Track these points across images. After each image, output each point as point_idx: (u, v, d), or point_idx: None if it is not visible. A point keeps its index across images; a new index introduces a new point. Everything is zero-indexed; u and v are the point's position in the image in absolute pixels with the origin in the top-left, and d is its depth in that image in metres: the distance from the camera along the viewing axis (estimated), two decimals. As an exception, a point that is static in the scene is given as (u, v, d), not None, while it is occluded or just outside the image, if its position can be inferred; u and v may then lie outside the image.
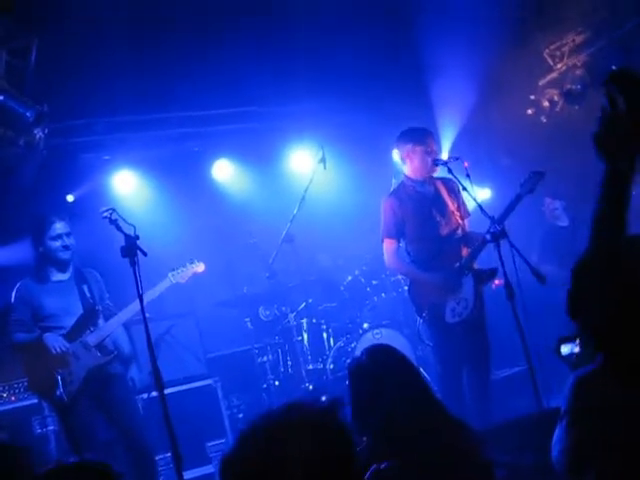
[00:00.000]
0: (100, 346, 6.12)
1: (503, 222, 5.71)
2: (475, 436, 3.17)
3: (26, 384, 6.70)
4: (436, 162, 6.29)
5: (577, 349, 3.12)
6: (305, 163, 9.67)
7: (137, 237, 5.19)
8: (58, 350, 5.93)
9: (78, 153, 8.93)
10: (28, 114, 6.63)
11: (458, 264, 6.24)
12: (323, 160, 7.81)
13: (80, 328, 6.09)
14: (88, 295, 6.22)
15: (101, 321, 6.23)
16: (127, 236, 5.20)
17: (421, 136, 6.41)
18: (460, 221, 6.40)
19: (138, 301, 5.24)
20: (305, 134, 9.69)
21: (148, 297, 6.01)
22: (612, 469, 2.74)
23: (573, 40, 9.41)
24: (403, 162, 6.50)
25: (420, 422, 3.08)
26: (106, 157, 9.21)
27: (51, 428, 6.89)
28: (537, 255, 8.47)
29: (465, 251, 6.32)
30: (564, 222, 8.78)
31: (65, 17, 6.81)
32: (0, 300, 6.48)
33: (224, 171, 9.94)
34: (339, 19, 7.90)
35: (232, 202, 9.84)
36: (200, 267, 6.63)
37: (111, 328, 6.19)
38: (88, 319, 6.15)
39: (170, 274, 6.43)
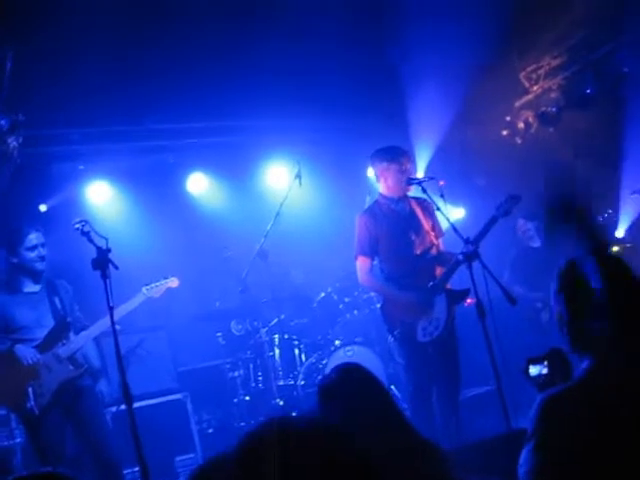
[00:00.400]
0: (72, 359, 6.07)
1: (478, 243, 5.73)
2: (443, 456, 3.17)
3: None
4: (410, 181, 6.30)
5: (545, 370, 3.15)
6: (281, 179, 9.68)
7: (109, 250, 5.16)
8: (30, 362, 5.87)
9: (52, 163, 8.89)
10: (2, 122, 6.60)
11: (431, 283, 6.25)
12: (299, 176, 7.81)
13: (52, 340, 6.04)
14: (59, 307, 6.17)
15: (72, 334, 6.17)
16: (99, 249, 5.17)
17: (395, 155, 6.42)
18: (434, 240, 6.41)
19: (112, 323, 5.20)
20: (281, 150, 9.71)
21: (121, 311, 5.98)
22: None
23: (549, 63, 9.53)
24: (378, 180, 6.52)
25: (389, 442, 3.07)
26: (80, 167, 9.16)
27: (18, 440, 6.81)
28: (508, 275, 8.52)
29: (439, 270, 6.33)
30: (536, 243, 8.83)
31: (42, 26, 6.79)
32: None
33: (199, 184, 9.90)
34: (317, 37, 7.92)
35: (206, 216, 9.81)
36: (174, 282, 6.61)
37: (83, 341, 6.14)
38: (60, 331, 6.10)
39: (144, 289, 6.40)
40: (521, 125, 9.90)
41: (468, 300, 6.68)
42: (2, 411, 6.70)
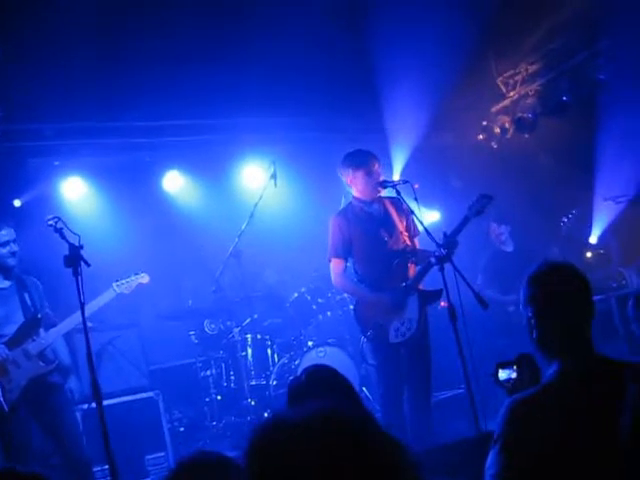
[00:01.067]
0: (41, 355, 6.03)
1: (449, 245, 5.76)
2: (412, 457, 3.18)
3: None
4: (384, 184, 6.30)
5: (514, 375, 3.17)
6: (256, 178, 9.66)
7: (81, 247, 5.14)
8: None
9: (27, 158, 8.81)
10: (-23, 117, 6.54)
11: (404, 284, 6.27)
12: (274, 176, 7.82)
13: (21, 336, 6.00)
14: (29, 303, 6.12)
15: (42, 330, 6.13)
16: (71, 245, 5.14)
17: (360, 160, 6.41)
18: (408, 241, 6.43)
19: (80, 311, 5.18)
20: (257, 149, 9.70)
21: (92, 307, 5.95)
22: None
23: (526, 69, 9.60)
24: (349, 186, 6.53)
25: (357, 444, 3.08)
26: (56, 163, 9.11)
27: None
28: (481, 279, 8.56)
29: (412, 271, 6.35)
30: (509, 247, 8.87)
31: (20, 22, 6.75)
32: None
33: (174, 183, 9.87)
34: (294, 36, 7.92)
35: (181, 214, 9.77)
36: (145, 279, 6.58)
37: (52, 337, 6.10)
38: (30, 327, 6.06)
39: (114, 284, 6.37)
40: (497, 130, 9.98)
41: (442, 303, 6.71)
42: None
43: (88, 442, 6.17)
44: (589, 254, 9.17)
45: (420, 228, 6.19)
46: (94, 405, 5.21)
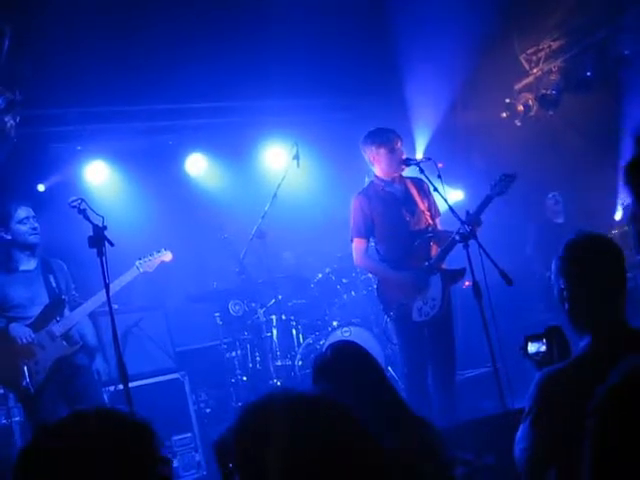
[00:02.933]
0: (66, 336, 6.07)
1: (473, 223, 5.73)
2: (436, 433, 3.17)
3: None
4: (408, 162, 6.28)
5: (543, 348, 3.15)
6: (279, 159, 9.66)
7: (105, 227, 5.17)
8: (24, 341, 5.87)
9: (50, 143, 8.87)
10: (-1, 101, 6.57)
11: (427, 263, 6.24)
12: (297, 157, 7.79)
13: (46, 318, 6.03)
14: (54, 285, 6.16)
15: (67, 311, 6.17)
16: (95, 226, 5.17)
17: (382, 137, 6.39)
18: (430, 220, 6.40)
19: (104, 291, 5.21)
20: (280, 131, 9.68)
21: (115, 286, 5.97)
22: (572, 469, 2.76)
23: (549, 46, 9.50)
24: (371, 164, 6.51)
25: (383, 420, 3.08)
26: (78, 148, 9.15)
27: (16, 419, 6.82)
28: (531, 249, 8.51)
29: (435, 250, 6.33)
30: (560, 219, 8.80)
31: (40, 5, 6.76)
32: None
33: (197, 165, 9.90)
34: (315, 17, 7.89)
35: (204, 197, 9.81)
36: (167, 256, 6.58)
37: (77, 318, 6.13)
38: (54, 309, 6.09)
39: (137, 262, 6.38)
40: (520, 107, 9.87)
41: (466, 282, 6.68)
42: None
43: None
44: (614, 231, 9.10)
45: (444, 205, 6.15)
46: (121, 387, 5.25)
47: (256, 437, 1.61)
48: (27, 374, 5.77)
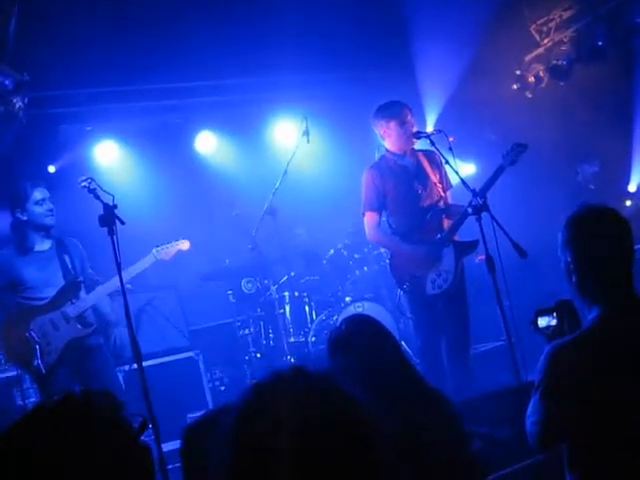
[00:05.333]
0: (80, 318, 6.08)
1: (485, 193, 5.70)
2: (453, 408, 3.16)
3: (5, 356, 6.68)
4: (418, 135, 6.24)
5: (554, 322, 3.13)
6: (288, 135, 9.62)
7: (115, 206, 5.15)
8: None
9: (59, 124, 8.86)
10: (7, 82, 6.55)
11: (439, 236, 6.23)
12: (306, 132, 7.75)
13: (61, 299, 6.04)
14: (69, 266, 6.16)
15: (82, 293, 6.18)
16: (105, 205, 5.16)
17: (393, 110, 6.36)
18: (442, 193, 6.38)
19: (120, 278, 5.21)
20: (289, 106, 9.65)
21: (131, 272, 6.00)
22: (584, 441, 2.75)
23: (560, 16, 9.40)
24: (382, 138, 6.48)
25: (400, 393, 3.07)
26: (88, 128, 9.15)
27: (32, 400, 6.87)
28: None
29: (447, 223, 6.30)
30: (592, 185, 8.74)
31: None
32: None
33: (207, 143, 9.89)
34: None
35: (215, 174, 9.80)
36: (185, 245, 6.60)
37: (92, 301, 6.14)
38: (70, 290, 6.10)
39: (154, 250, 6.38)
40: (531, 79, 9.79)
41: (480, 257, 6.66)
42: (14, 372, 6.75)
43: (130, 403, 6.20)
44: (628, 202, 9.04)
45: (455, 178, 6.12)
46: (135, 366, 5.26)
47: (265, 423, 1.55)
48: (39, 354, 5.78)
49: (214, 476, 1.59)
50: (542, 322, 3.16)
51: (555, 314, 3.13)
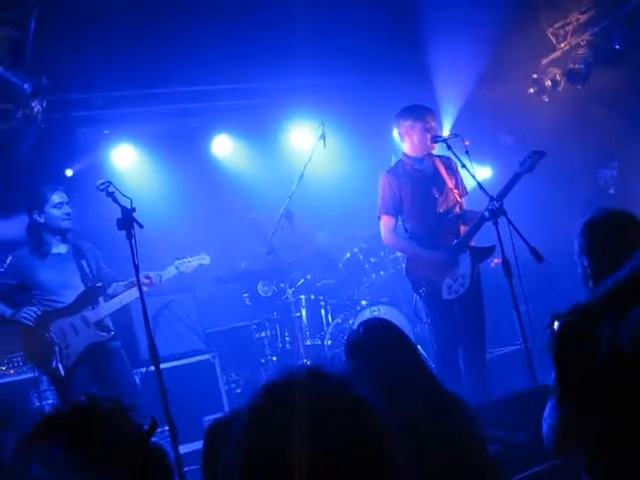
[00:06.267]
0: (99, 324, 6.13)
1: (502, 200, 5.70)
2: (470, 411, 3.17)
3: (24, 356, 6.74)
4: (435, 139, 6.26)
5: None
6: (305, 139, 9.61)
7: (133, 209, 5.18)
8: (33, 320, 5.91)
9: (76, 127, 8.88)
10: (26, 86, 6.59)
11: (455, 241, 6.23)
12: (323, 137, 7.75)
13: (81, 303, 6.10)
14: (87, 270, 6.21)
15: (101, 299, 6.22)
16: (123, 208, 5.19)
17: (420, 112, 6.39)
18: (458, 199, 6.38)
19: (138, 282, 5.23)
20: (306, 110, 9.64)
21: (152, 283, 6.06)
22: (601, 445, 2.74)
23: (577, 19, 9.34)
24: (402, 139, 6.48)
25: (416, 396, 3.07)
26: (105, 132, 9.18)
27: (49, 402, 6.90)
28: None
29: (463, 229, 6.31)
30: (612, 190, 8.69)
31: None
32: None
33: (224, 147, 9.91)
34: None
35: (231, 178, 9.82)
36: (206, 260, 6.66)
37: (111, 309, 6.19)
38: (90, 295, 6.15)
39: (176, 262, 6.44)
40: (548, 83, 9.73)
41: (495, 260, 6.65)
42: (32, 373, 6.79)
43: (147, 405, 6.24)
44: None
45: (472, 182, 6.13)
46: (152, 369, 5.28)
47: (275, 423, 1.55)
48: (58, 356, 5.82)
49: (226, 476, 1.60)
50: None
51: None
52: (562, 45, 9.53)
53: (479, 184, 5.85)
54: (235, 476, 1.54)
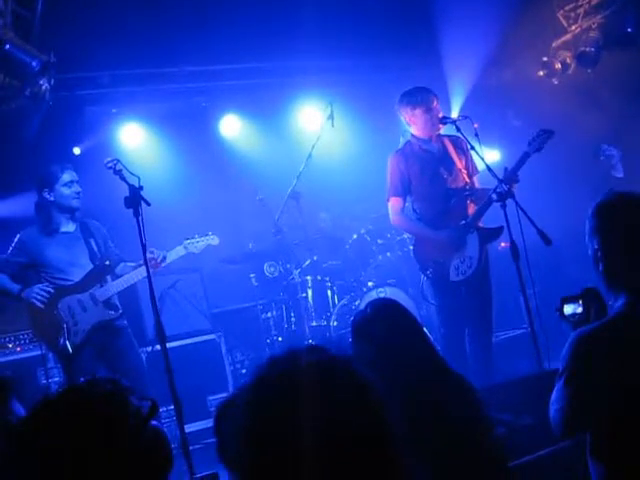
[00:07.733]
0: (107, 302, 6.13)
1: (510, 182, 5.66)
2: (476, 393, 3.16)
3: (31, 334, 6.75)
4: (444, 120, 6.22)
5: (580, 309, 3.11)
6: (313, 120, 9.60)
7: (141, 188, 5.16)
8: (43, 300, 5.92)
9: (84, 106, 8.88)
10: (34, 64, 6.55)
11: (463, 222, 6.20)
12: (331, 117, 7.74)
13: (90, 281, 6.09)
14: (95, 249, 6.21)
15: (110, 277, 6.23)
16: (131, 186, 5.17)
17: (418, 97, 6.31)
18: (467, 179, 6.34)
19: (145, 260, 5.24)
20: (314, 90, 9.62)
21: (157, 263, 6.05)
22: (609, 429, 2.74)
23: (588, 1, 9.27)
24: (408, 124, 6.45)
25: (424, 378, 3.07)
26: (113, 110, 9.18)
27: (56, 379, 6.93)
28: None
29: (472, 209, 6.26)
30: (619, 173, 8.61)
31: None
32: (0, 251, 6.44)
33: (232, 127, 9.91)
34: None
35: (239, 158, 9.82)
36: (215, 241, 6.63)
37: (119, 288, 6.19)
38: (98, 274, 6.15)
39: (185, 242, 6.42)
40: (558, 66, 9.68)
41: (502, 244, 6.62)
42: (39, 351, 6.81)
43: (152, 384, 6.26)
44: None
45: (481, 164, 6.09)
46: (158, 348, 5.29)
47: (278, 395, 1.56)
48: (66, 333, 5.83)
49: (233, 447, 1.61)
50: (568, 309, 3.14)
51: (581, 301, 3.11)
52: (573, 28, 9.47)
53: (488, 166, 5.82)
54: (242, 440, 1.55)
